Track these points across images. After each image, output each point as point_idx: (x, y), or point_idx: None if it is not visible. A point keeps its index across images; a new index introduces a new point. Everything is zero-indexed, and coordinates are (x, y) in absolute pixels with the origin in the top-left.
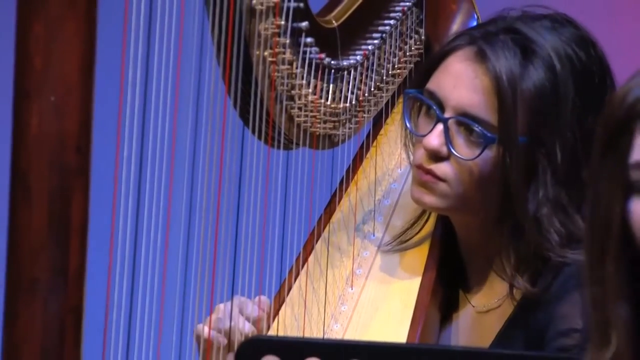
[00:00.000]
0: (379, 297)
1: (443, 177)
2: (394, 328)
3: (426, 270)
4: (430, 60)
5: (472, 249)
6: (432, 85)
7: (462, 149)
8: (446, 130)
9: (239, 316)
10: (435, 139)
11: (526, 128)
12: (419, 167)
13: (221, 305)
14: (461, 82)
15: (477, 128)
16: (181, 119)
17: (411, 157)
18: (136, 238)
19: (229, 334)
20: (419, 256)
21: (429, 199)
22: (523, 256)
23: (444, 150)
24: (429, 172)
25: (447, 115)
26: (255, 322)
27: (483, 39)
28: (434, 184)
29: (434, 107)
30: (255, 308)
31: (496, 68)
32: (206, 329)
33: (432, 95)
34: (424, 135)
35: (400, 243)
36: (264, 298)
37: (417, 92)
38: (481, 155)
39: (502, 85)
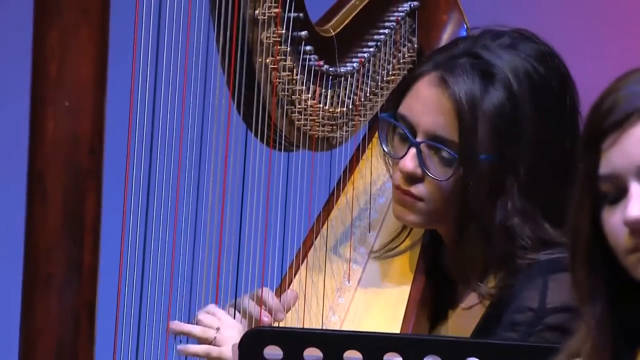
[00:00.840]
0: (375, 290)
1: (420, 197)
2: (388, 320)
3: (418, 266)
4: (402, 84)
5: (454, 253)
6: (403, 109)
7: (436, 170)
8: (419, 153)
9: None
10: (409, 162)
11: (490, 146)
12: (397, 187)
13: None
14: (429, 107)
15: (445, 151)
16: (188, 122)
17: (391, 175)
18: (145, 235)
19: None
20: (412, 252)
21: (409, 217)
22: (492, 261)
23: (419, 171)
24: (407, 193)
25: (419, 139)
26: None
27: (445, 64)
28: (412, 203)
29: (407, 132)
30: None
31: (456, 92)
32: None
33: (404, 119)
34: (400, 158)
35: (396, 239)
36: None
37: (390, 116)
38: (454, 174)
39: (461, 108)
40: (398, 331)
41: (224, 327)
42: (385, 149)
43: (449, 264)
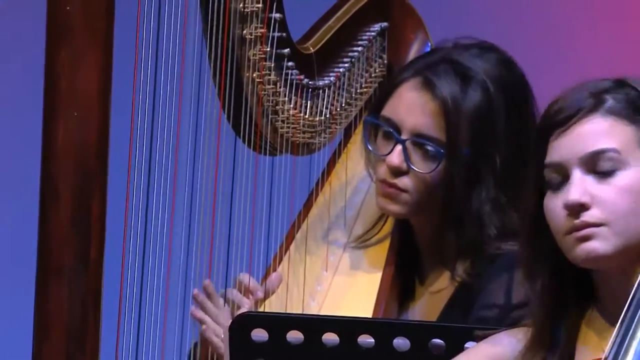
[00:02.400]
0: (349, 278)
1: (405, 189)
2: (362, 304)
3: (389, 256)
4: (382, 91)
5: (426, 241)
6: (387, 112)
7: (420, 164)
8: (404, 149)
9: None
10: (396, 157)
11: (469, 141)
12: (383, 181)
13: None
14: (413, 108)
15: (430, 146)
16: (183, 130)
17: (372, 174)
18: (145, 230)
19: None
20: (383, 245)
21: (393, 207)
22: (463, 248)
23: (404, 166)
24: (392, 186)
25: (404, 137)
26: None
27: (427, 69)
28: (397, 194)
29: (392, 131)
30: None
31: (442, 93)
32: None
33: (389, 121)
34: (385, 155)
35: (369, 233)
36: (253, 282)
37: (374, 119)
38: (437, 168)
39: (447, 107)
40: (371, 313)
41: None
42: (370, 148)
43: (421, 251)
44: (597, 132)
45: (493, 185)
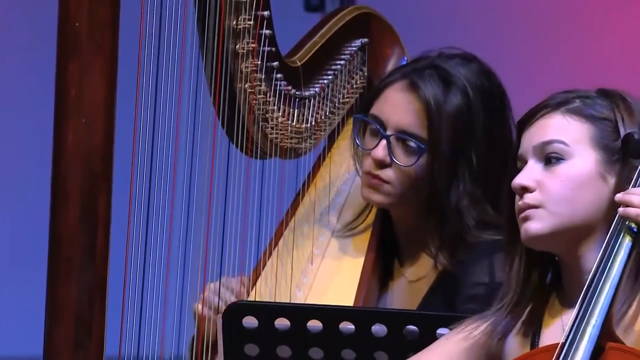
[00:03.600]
0: (332, 271)
1: (387, 180)
2: (344, 295)
3: (368, 251)
4: (371, 92)
5: (406, 232)
6: (375, 110)
7: (402, 158)
8: (389, 144)
9: (224, 291)
10: (380, 151)
11: (449, 140)
12: (368, 173)
13: (211, 284)
14: (399, 107)
15: (412, 142)
16: (182, 134)
17: (358, 167)
18: (147, 226)
19: (217, 309)
20: (363, 240)
21: (377, 197)
22: (445, 238)
23: (388, 159)
24: (376, 177)
25: (388, 132)
26: (238, 295)
27: (414, 73)
28: (380, 185)
29: (379, 127)
30: (238, 282)
31: (426, 95)
32: (200, 307)
33: (376, 119)
34: (371, 149)
35: (349, 230)
36: (244, 277)
37: (363, 116)
38: (416, 162)
39: (430, 108)
40: (353, 297)
41: None
42: (358, 142)
43: (401, 242)
44: (552, 125)
45: (470, 181)
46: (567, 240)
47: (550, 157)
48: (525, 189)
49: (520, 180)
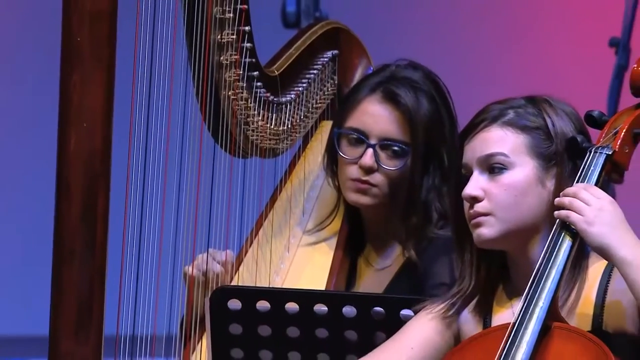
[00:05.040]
0: (307, 258)
1: (375, 184)
2: (317, 280)
3: (339, 240)
4: (344, 107)
5: (375, 226)
6: (354, 123)
7: (388, 163)
8: (375, 152)
9: (212, 261)
10: (369, 159)
11: (425, 141)
12: (356, 179)
13: (200, 255)
14: (380, 118)
15: (397, 147)
16: (172, 137)
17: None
18: (141, 221)
19: (205, 273)
20: (335, 230)
21: (365, 199)
22: (411, 229)
23: (375, 165)
24: (365, 182)
25: (372, 142)
26: (223, 264)
27: (385, 85)
28: (369, 189)
29: (363, 138)
30: (223, 255)
31: (405, 103)
32: (190, 268)
33: (357, 130)
34: (357, 158)
35: (322, 221)
36: (229, 251)
37: (344, 129)
38: (401, 164)
39: (410, 115)
40: (324, 285)
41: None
42: (341, 154)
43: (369, 235)
44: (492, 139)
45: (439, 177)
46: (515, 240)
47: (494, 168)
48: (474, 199)
49: (469, 190)
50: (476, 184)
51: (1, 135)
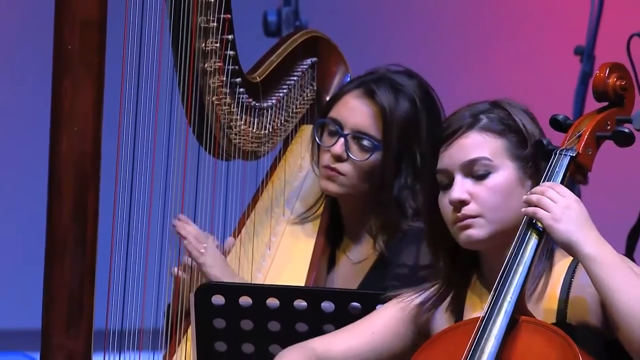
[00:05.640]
0: (287, 256)
1: (343, 173)
2: (297, 276)
3: (318, 237)
4: (330, 100)
5: (352, 220)
6: (333, 114)
7: (357, 154)
8: (346, 142)
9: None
10: (339, 147)
11: (399, 140)
12: (326, 166)
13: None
14: (356, 110)
15: (367, 140)
16: (159, 140)
17: (315, 162)
18: (129, 219)
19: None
20: (313, 228)
21: (332, 187)
22: (385, 224)
23: (345, 155)
24: (334, 170)
25: (345, 132)
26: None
27: (369, 83)
28: (337, 177)
29: (337, 128)
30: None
31: (381, 101)
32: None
33: (335, 120)
34: (330, 146)
35: (301, 220)
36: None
37: (324, 119)
38: (370, 158)
39: (385, 112)
40: (304, 281)
41: (208, 251)
42: (318, 141)
43: (347, 228)
44: (473, 144)
45: (412, 176)
46: (499, 240)
47: (478, 172)
48: (462, 202)
49: (457, 195)
50: (462, 187)
51: (1, 135)
